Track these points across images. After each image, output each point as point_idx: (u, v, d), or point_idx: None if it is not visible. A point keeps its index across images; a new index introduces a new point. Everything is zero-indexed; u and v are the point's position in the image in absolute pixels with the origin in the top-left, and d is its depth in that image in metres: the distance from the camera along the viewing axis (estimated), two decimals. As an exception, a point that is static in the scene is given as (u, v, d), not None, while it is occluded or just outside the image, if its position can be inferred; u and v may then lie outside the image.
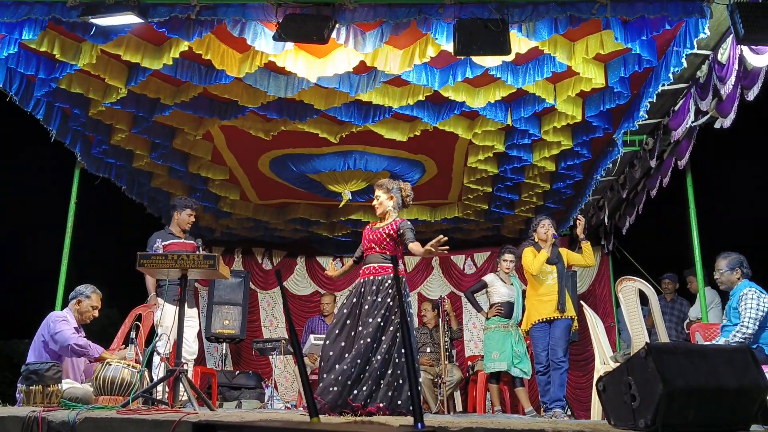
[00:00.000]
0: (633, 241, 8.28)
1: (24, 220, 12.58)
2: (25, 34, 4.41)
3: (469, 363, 7.56)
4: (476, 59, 4.78)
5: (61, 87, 5.29)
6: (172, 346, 4.67)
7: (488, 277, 6.32)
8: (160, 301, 5.17)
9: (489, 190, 7.31)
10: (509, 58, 4.65)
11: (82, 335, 4.65)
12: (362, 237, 4.62)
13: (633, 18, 4.15)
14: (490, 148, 6.32)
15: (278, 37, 4.22)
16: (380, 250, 4.42)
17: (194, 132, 6.22)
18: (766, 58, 4.13)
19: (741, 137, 7.53)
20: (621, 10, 4.09)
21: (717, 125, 5.04)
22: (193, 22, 4.37)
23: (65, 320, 4.58)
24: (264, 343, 7.05)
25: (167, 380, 4.13)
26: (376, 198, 4.60)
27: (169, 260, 4.19)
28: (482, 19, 4.10)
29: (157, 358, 4.98)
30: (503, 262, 6.23)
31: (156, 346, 4.60)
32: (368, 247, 4.51)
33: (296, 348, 2.59)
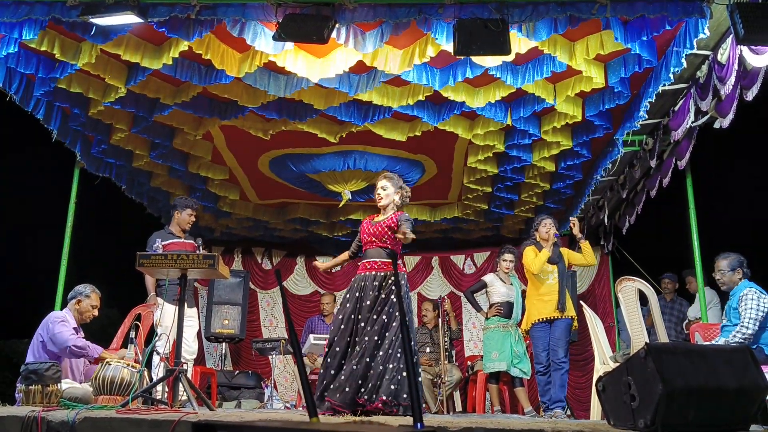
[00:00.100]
0: (633, 241, 8.28)
1: (24, 220, 12.58)
2: (25, 33, 4.41)
3: (469, 363, 7.57)
4: (476, 59, 4.77)
5: (61, 87, 5.30)
6: (172, 346, 4.67)
7: (488, 277, 6.32)
8: (160, 300, 5.17)
9: (489, 190, 7.31)
10: (509, 58, 4.65)
11: (82, 335, 4.64)
12: (360, 231, 4.56)
13: (633, 18, 4.15)
14: (490, 148, 6.31)
15: (278, 37, 4.22)
16: (380, 244, 4.39)
17: (194, 132, 6.22)
18: (765, 58, 4.13)
19: (740, 137, 7.52)
20: (621, 10, 4.10)
21: (716, 125, 5.04)
22: (192, 22, 4.37)
23: (64, 321, 4.58)
24: (263, 343, 7.05)
25: (167, 380, 4.13)
26: (383, 188, 4.51)
27: (169, 260, 4.18)
28: (482, 19, 4.10)
29: (157, 358, 4.98)
30: (503, 262, 6.23)
31: (155, 345, 4.59)
32: (368, 240, 4.45)
33: (296, 348, 2.58)
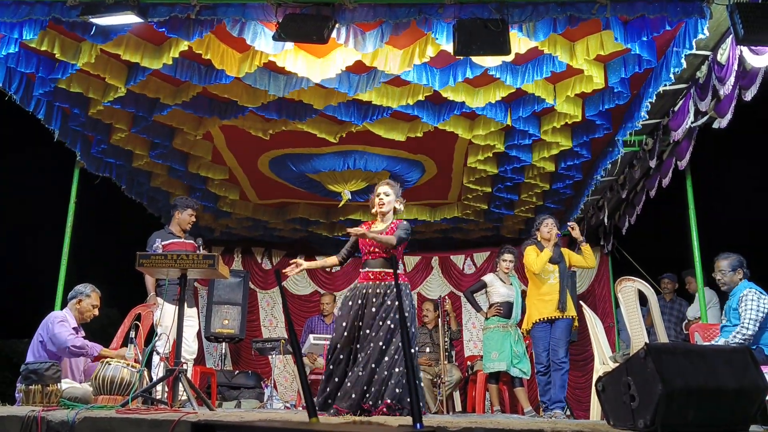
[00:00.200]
0: (632, 241, 8.29)
1: (24, 220, 12.56)
2: (25, 33, 4.41)
3: (469, 363, 7.57)
4: (476, 59, 4.77)
5: (61, 86, 5.30)
6: (172, 346, 4.67)
7: (487, 277, 6.32)
8: (160, 300, 5.17)
9: (489, 190, 7.31)
10: (509, 58, 4.65)
11: (82, 335, 4.65)
12: (359, 241, 4.45)
13: (633, 18, 4.15)
14: (490, 148, 6.31)
15: (278, 37, 4.22)
16: (382, 254, 4.33)
17: (194, 132, 6.22)
18: (765, 58, 4.13)
19: (739, 138, 7.53)
20: (621, 10, 4.10)
21: (715, 125, 5.04)
22: (192, 22, 4.37)
23: (63, 321, 4.58)
24: (263, 343, 7.05)
25: (166, 380, 4.13)
26: (385, 194, 4.46)
27: (169, 260, 4.18)
28: (482, 19, 4.10)
29: (157, 358, 4.98)
30: (503, 262, 6.22)
31: (155, 345, 4.59)
32: (369, 251, 4.38)
33: (296, 348, 2.59)
